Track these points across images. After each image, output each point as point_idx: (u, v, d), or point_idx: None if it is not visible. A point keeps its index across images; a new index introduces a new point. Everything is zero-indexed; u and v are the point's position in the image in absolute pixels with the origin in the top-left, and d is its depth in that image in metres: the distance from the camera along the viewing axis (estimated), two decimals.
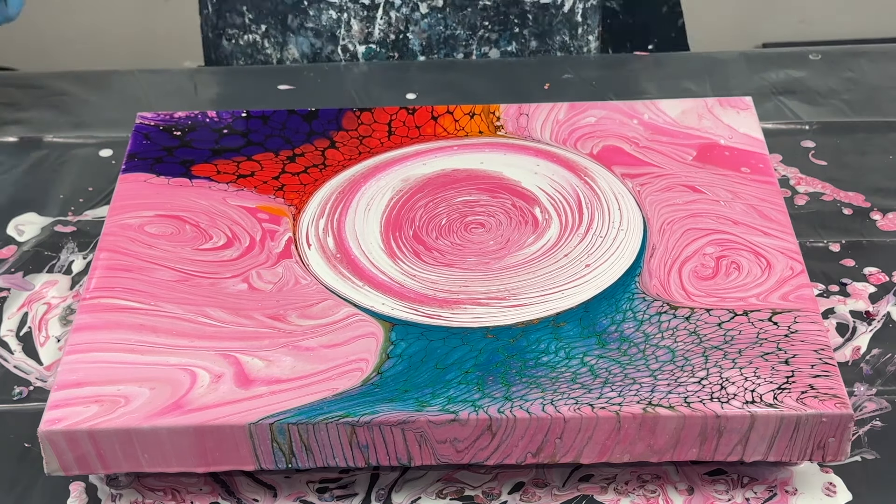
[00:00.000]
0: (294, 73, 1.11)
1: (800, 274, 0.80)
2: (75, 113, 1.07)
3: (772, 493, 0.76)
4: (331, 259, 0.83)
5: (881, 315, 0.87)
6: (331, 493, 0.77)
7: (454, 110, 0.94)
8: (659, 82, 1.09)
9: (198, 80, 1.12)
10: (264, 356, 0.75)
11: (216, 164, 0.90)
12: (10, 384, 0.83)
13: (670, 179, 0.88)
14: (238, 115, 0.94)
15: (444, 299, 0.79)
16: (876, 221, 0.94)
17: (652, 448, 0.73)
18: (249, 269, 0.82)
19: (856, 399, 0.81)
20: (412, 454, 0.73)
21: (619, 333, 0.77)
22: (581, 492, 0.76)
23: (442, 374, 0.74)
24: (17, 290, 0.90)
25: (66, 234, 0.95)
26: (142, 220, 0.85)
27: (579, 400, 0.72)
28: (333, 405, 0.72)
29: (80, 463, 0.73)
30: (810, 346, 0.75)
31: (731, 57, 1.12)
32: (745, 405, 0.72)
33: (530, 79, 1.10)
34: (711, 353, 0.75)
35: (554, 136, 0.92)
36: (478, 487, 0.77)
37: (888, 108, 1.05)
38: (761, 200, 0.86)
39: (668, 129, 0.92)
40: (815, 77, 1.09)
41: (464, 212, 0.86)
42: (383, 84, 1.10)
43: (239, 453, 0.73)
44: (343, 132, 0.93)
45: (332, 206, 0.87)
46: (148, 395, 0.73)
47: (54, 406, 0.73)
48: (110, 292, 0.80)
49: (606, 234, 0.84)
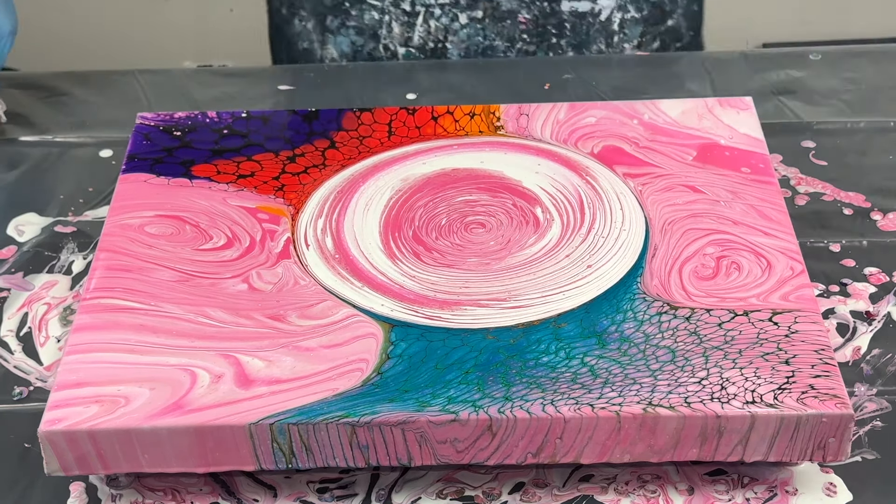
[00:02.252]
0: (294, 73, 1.11)
1: (800, 274, 0.80)
2: (75, 113, 1.07)
3: (772, 494, 0.76)
4: (329, 260, 0.83)
5: (881, 315, 0.87)
6: (331, 493, 0.77)
7: (454, 110, 0.94)
8: (659, 82, 1.09)
9: (198, 80, 1.12)
10: (264, 356, 0.75)
11: (216, 165, 0.90)
12: (10, 384, 0.83)
13: (670, 179, 0.88)
14: (238, 115, 0.94)
15: (444, 300, 0.79)
16: (876, 221, 0.94)
17: (652, 448, 0.73)
18: (249, 270, 0.82)
19: (856, 399, 0.81)
20: (412, 454, 0.73)
21: (620, 333, 0.77)
22: (581, 492, 0.76)
23: (442, 374, 0.74)
24: (17, 291, 0.90)
25: (66, 235, 0.95)
26: (142, 221, 0.85)
27: (579, 400, 0.72)
28: (333, 405, 0.72)
29: (80, 463, 0.73)
30: (810, 347, 0.75)
31: (731, 57, 1.12)
32: (746, 405, 0.72)
33: (530, 79, 1.10)
34: (712, 353, 0.75)
35: (554, 136, 0.92)
36: (478, 487, 0.77)
37: (888, 108, 1.05)
38: (761, 200, 0.86)
39: (668, 129, 0.92)
40: (815, 77, 1.09)
41: (464, 212, 0.86)
42: (383, 84, 1.10)
43: (239, 453, 0.73)
44: (343, 132, 0.93)
45: (330, 205, 0.87)
46: (148, 396, 0.73)
47: (54, 406, 0.73)
48: (110, 292, 0.80)
49: (608, 235, 0.84)
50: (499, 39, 1.10)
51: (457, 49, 1.10)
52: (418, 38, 1.09)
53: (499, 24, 1.09)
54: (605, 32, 1.11)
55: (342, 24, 1.11)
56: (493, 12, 1.08)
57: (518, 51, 1.11)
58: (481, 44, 1.10)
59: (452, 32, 1.09)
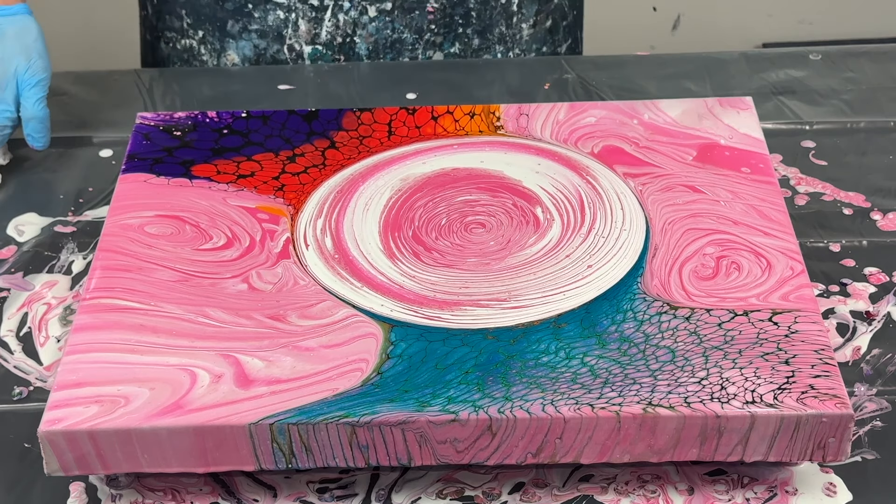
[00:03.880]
0: (294, 73, 1.11)
1: (800, 274, 0.80)
2: (75, 113, 1.07)
3: (772, 494, 0.76)
4: (329, 260, 0.83)
5: (881, 315, 0.87)
6: (331, 493, 0.76)
7: (454, 110, 0.94)
8: (659, 82, 1.09)
9: (198, 80, 1.12)
10: (264, 356, 0.75)
11: (216, 165, 0.90)
12: (10, 384, 0.83)
13: (670, 179, 0.88)
14: (238, 115, 0.94)
15: (443, 301, 0.79)
16: (876, 221, 0.94)
17: (652, 448, 0.73)
18: (249, 270, 0.82)
19: (856, 399, 0.81)
20: (412, 454, 0.73)
21: (620, 334, 0.77)
22: (581, 492, 0.76)
23: (442, 374, 0.74)
24: (17, 291, 0.90)
25: (66, 235, 0.95)
26: (142, 221, 0.85)
27: (579, 400, 0.72)
28: (333, 405, 0.72)
29: (80, 463, 0.73)
30: (810, 347, 0.75)
31: (731, 57, 1.12)
32: (746, 405, 0.72)
33: (530, 79, 1.10)
34: (711, 353, 0.75)
35: (554, 136, 0.92)
36: (478, 488, 0.77)
37: (888, 108, 1.05)
38: (761, 200, 0.86)
39: (668, 129, 0.92)
40: (815, 77, 1.09)
41: (464, 212, 0.86)
42: (383, 84, 1.10)
43: (239, 453, 0.73)
44: (343, 132, 0.93)
45: (329, 205, 0.87)
46: (148, 396, 0.73)
47: (54, 406, 0.73)
48: (110, 292, 0.80)
49: (609, 235, 0.84)
50: (407, 31, 1.10)
51: (365, 43, 1.11)
52: (326, 34, 1.09)
53: (408, 16, 1.09)
54: (505, 14, 1.12)
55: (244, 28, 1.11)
56: (403, 3, 1.09)
57: (426, 42, 1.11)
58: (389, 37, 1.11)
59: (361, 26, 1.09)
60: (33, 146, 0.99)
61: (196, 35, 1.13)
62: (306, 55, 1.12)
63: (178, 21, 1.14)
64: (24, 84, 0.97)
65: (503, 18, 1.13)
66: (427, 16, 1.09)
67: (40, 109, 0.97)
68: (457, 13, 1.11)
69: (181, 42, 1.15)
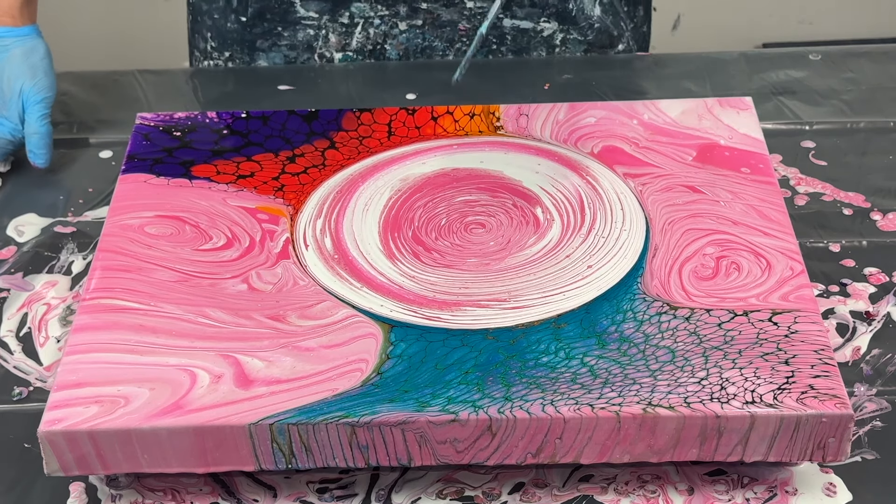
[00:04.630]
0: (294, 73, 1.11)
1: (800, 274, 0.80)
2: (75, 113, 1.07)
3: (772, 494, 0.76)
4: (328, 260, 0.83)
5: (881, 315, 0.87)
6: (331, 493, 0.76)
7: (454, 110, 0.94)
8: (659, 82, 1.09)
9: (197, 80, 1.12)
10: (264, 356, 0.75)
11: (216, 165, 0.90)
12: (10, 384, 0.83)
13: (670, 180, 0.88)
14: (238, 115, 0.94)
15: (443, 301, 0.79)
16: (876, 221, 0.94)
17: (652, 448, 0.73)
18: (249, 270, 0.82)
19: (856, 399, 0.81)
20: (412, 454, 0.73)
21: (619, 334, 0.77)
22: (581, 492, 0.76)
23: (442, 374, 0.74)
24: (17, 291, 0.90)
25: (66, 235, 0.95)
26: (141, 221, 0.85)
27: (579, 400, 0.72)
28: (333, 405, 0.72)
29: (79, 463, 0.73)
30: (810, 347, 0.75)
31: (731, 57, 1.12)
32: (745, 405, 0.72)
33: (530, 79, 1.09)
34: (711, 353, 0.75)
35: (554, 136, 0.92)
36: (478, 488, 0.77)
37: (888, 108, 1.05)
38: (761, 201, 0.86)
39: (668, 129, 0.92)
40: (815, 77, 1.09)
41: (464, 212, 0.86)
42: (383, 84, 1.10)
43: (239, 454, 0.73)
44: (343, 133, 0.93)
45: (329, 205, 0.87)
46: (148, 396, 0.73)
47: (54, 406, 0.73)
48: (110, 293, 0.80)
49: (609, 235, 0.84)
50: (438, 41, 1.11)
51: (395, 50, 1.11)
52: (356, 43, 1.10)
53: (438, 30, 1.09)
54: (546, 45, 1.12)
55: (273, 45, 1.11)
56: (434, 21, 1.09)
57: (457, 51, 1.11)
58: (420, 45, 1.11)
59: (392, 37, 1.10)
60: (34, 163, 1.00)
61: (223, 55, 1.14)
62: (336, 62, 1.13)
63: (203, 43, 1.14)
64: (29, 100, 0.99)
65: (543, 47, 1.13)
66: (458, 32, 1.10)
67: (43, 125, 0.99)
68: (491, 34, 1.11)
69: (203, 63, 1.15)
